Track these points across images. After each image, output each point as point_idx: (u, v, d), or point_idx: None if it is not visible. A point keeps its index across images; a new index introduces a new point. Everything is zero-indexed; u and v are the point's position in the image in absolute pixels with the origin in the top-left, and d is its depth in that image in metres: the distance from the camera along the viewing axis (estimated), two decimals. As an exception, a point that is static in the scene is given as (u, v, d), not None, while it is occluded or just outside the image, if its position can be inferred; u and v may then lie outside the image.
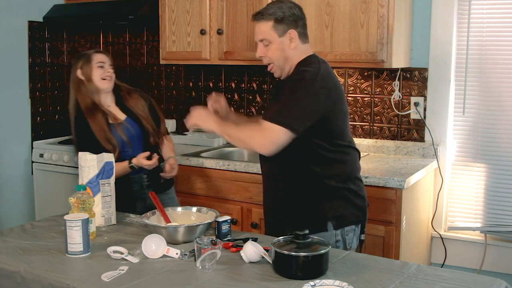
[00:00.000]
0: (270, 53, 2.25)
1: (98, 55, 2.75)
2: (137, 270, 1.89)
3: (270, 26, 2.22)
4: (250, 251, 1.92)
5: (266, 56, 2.27)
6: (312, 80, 2.13)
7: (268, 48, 2.25)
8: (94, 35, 4.42)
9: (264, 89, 3.81)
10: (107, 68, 2.74)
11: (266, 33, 2.23)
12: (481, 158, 3.27)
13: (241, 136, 2.18)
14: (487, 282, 1.80)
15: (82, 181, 2.37)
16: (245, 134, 2.17)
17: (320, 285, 1.72)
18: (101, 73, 2.72)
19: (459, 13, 3.23)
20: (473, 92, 3.26)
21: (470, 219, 3.34)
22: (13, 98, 3.91)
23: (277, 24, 2.22)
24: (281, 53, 2.24)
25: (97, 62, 2.72)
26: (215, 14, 3.48)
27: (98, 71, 2.72)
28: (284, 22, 2.22)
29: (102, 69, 2.72)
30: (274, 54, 2.25)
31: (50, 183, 3.88)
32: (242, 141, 2.18)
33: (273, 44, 2.24)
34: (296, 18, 2.25)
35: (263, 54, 2.27)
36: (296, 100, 2.11)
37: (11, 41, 3.85)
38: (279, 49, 2.24)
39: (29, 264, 1.94)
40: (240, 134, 2.18)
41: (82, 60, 2.74)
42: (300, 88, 2.13)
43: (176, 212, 2.36)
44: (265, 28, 2.23)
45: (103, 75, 2.72)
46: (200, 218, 2.29)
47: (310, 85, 2.13)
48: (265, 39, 2.24)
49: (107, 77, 2.73)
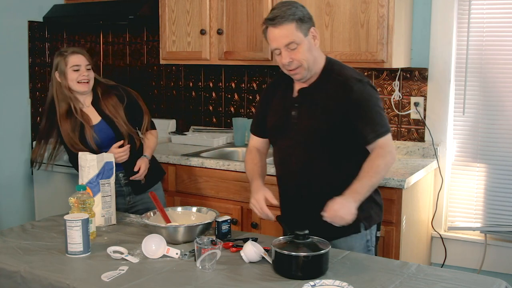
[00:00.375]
0: (300, 55, 2.12)
1: (73, 57, 2.66)
2: (137, 270, 1.89)
3: (293, 27, 2.10)
4: (250, 251, 1.92)
5: (294, 59, 2.13)
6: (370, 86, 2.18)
7: (296, 51, 2.12)
8: (94, 35, 4.42)
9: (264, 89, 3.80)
10: (83, 71, 2.67)
11: (293, 35, 2.10)
12: (481, 158, 3.27)
13: (382, 172, 2.10)
14: (487, 282, 1.80)
15: (82, 181, 2.37)
16: (382, 168, 2.10)
17: (320, 285, 1.72)
18: (77, 77, 2.65)
19: (459, 13, 3.23)
20: (473, 92, 3.26)
21: (470, 219, 3.34)
22: (13, 98, 3.90)
23: (301, 24, 2.12)
24: (310, 53, 2.15)
25: (71, 66, 2.65)
26: (215, 14, 3.48)
27: (73, 74, 2.65)
28: (305, 21, 2.13)
29: (78, 72, 2.66)
30: (305, 55, 2.13)
31: (50, 183, 3.88)
32: (385, 173, 2.14)
33: (301, 45, 2.12)
34: (310, 16, 2.18)
35: (291, 59, 2.13)
36: (372, 110, 2.14)
37: (11, 41, 3.85)
38: (308, 49, 2.14)
39: (29, 264, 1.94)
40: (378, 175, 2.09)
41: (58, 61, 2.68)
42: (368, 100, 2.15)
43: (176, 212, 2.36)
44: (289, 30, 2.10)
45: (79, 78, 2.66)
46: (200, 218, 2.29)
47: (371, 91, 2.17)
48: (293, 41, 2.11)
49: (83, 80, 2.67)
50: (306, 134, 2.20)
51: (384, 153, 2.11)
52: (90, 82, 2.70)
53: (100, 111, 2.73)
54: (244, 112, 3.90)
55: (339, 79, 2.18)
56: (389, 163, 2.14)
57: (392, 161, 2.15)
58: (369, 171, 2.08)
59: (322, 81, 2.21)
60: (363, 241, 2.24)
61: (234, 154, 3.64)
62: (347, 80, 2.17)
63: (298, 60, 2.13)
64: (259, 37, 3.34)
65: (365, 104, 2.14)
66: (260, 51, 3.35)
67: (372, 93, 2.18)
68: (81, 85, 2.67)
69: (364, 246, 2.25)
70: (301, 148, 2.22)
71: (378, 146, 2.12)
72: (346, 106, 2.14)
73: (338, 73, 2.20)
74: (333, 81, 2.19)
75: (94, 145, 2.66)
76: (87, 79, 2.68)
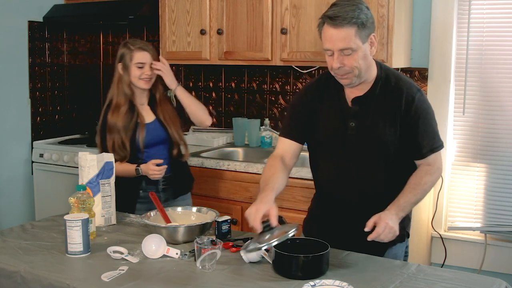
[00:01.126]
0: (354, 62, 1.96)
1: (139, 54, 2.66)
2: (137, 270, 1.89)
3: (353, 32, 1.93)
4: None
5: (346, 65, 1.97)
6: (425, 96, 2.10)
7: (350, 57, 1.96)
8: (94, 35, 4.42)
9: (264, 89, 3.81)
10: (146, 70, 2.67)
11: (351, 41, 1.93)
12: (481, 158, 3.27)
13: (427, 190, 2.04)
14: (487, 282, 1.80)
15: (82, 181, 2.37)
16: (429, 185, 2.03)
17: (320, 285, 1.72)
18: (140, 74, 2.66)
19: (459, 13, 3.23)
20: (473, 92, 3.26)
21: (470, 219, 3.34)
22: (13, 98, 3.91)
23: (362, 30, 1.95)
24: (365, 62, 1.99)
25: (136, 62, 2.65)
26: (215, 14, 3.48)
27: (137, 71, 2.66)
28: (367, 27, 1.96)
29: (141, 70, 2.66)
30: (358, 63, 1.97)
31: (50, 183, 3.88)
32: (430, 190, 2.08)
33: (357, 52, 1.95)
34: (373, 20, 2.01)
35: (342, 64, 1.96)
36: (430, 123, 2.06)
37: (11, 41, 3.85)
38: (363, 58, 1.98)
39: (29, 264, 1.94)
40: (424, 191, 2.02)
41: (123, 53, 2.68)
42: (428, 111, 2.06)
43: (176, 212, 2.36)
44: (348, 35, 1.93)
45: (142, 76, 2.66)
46: (200, 218, 2.29)
47: (428, 103, 2.09)
48: (349, 48, 1.94)
49: (145, 78, 2.67)
50: (366, 146, 2.07)
51: (433, 171, 2.04)
52: (151, 82, 2.70)
53: (155, 112, 2.74)
54: (244, 112, 3.90)
55: (398, 87, 2.05)
56: (435, 181, 2.07)
57: (437, 179, 2.08)
58: (416, 187, 1.99)
59: (378, 89, 2.07)
60: (403, 248, 2.17)
61: (234, 154, 3.64)
62: (408, 90, 2.04)
63: (350, 67, 1.98)
64: (259, 37, 3.34)
65: (425, 115, 2.04)
66: (260, 51, 3.35)
67: (428, 103, 2.08)
68: (142, 81, 2.67)
69: (404, 253, 2.20)
70: (359, 160, 2.08)
71: (428, 162, 2.04)
72: (406, 117, 2.02)
73: (395, 82, 2.06)
74: (392, 89, 2.05)
75: (142, 144, 2.65)
76: (150, 77, 2.68)
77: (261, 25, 3.33)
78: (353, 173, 2.10)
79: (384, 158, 2.07)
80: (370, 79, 2.07)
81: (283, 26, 3.25)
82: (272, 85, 3.77)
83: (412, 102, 2.02)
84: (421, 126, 2.03)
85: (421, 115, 2.03)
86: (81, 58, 4.35)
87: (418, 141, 2.04)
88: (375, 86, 2.07)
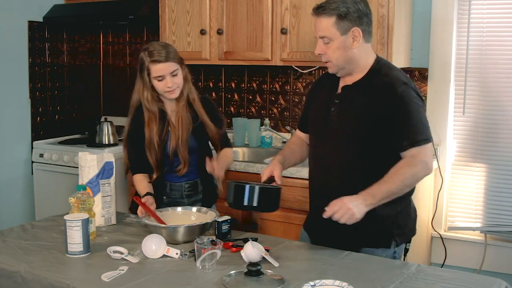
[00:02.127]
0: (330, 52, 2.08)
1: (155, 67, 2.41)
2: (137, 270, 1.89)
3: (331, 22, 2.04)
4: (251, 251, 1.92)
5: (326, 54, 2.10)
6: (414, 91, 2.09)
7: (328, 46, 2.08)
8: (94, 35, 4.42)
9: (264, 89, 3.81)
10: (169, 81, 2.43)
11: (327, 30, 2.06)
12: (481, 158, 3.27)
13: (406, 182, 2.02)
14: (487, 282, 1.80)
15: (82, 181, 2.37)
16: (407, 177, 2.01)
17: (320, 285, 1.72)
18: (163, 86, 2.44)
19: (459, 13, 3.23)
20: (473, 92, 3.26)
21: (470, 219, 3.34)
22: (13, 98, 3.90)
23: (340, 21, 2.04)
24: (342, 52, 2.08)
25: (154, 76, 2.43)
26: (215, 14, 3.48)
27: (158, 84, 2.45)
28: (347, 19, 2.04)
29: (163, 82, 2.44)
30: (334, 53, 2.08)
31: (50, 183, 3.88)
32: (411, 183, 2.05)
33: (334, 42, 2.07)
34: (361, 14, 2.07)
35: (323, 52, 2.10)
36: (413, 116, 2.04)
37: (11, 41, 3.85)
38: (341, 48, 2.07)
39: (29, 264, 1.94)
40: (402, 182, 2.01)
41: (142, 64, 2.45)
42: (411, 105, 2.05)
43: (176, 212, 2.36)
44: (326, 24, 2.06)
45: (165, 88, 2.44)
46: (200, 218, 2.29)
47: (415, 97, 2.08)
48: (325, 36, 2.07)
49: (170, 88, 2.45)
50: (343, 133, 2.13)
51: (415, 163, 2.01)
52: (178, 89, 2.48)
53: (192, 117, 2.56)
54: (244, 112, 3.89)
55: (384, 79, 2.09)
56: (418, 174, 2.03)
57: (423, 173, 2.04)
58: (392, 177, 1.99)
59: (367, 80, 2.13)
60: (389, 253, 2.15)
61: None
62: (392, 81, 2.07)
63: (328, 55, 2.10)
64: (259, 37, 3.34)
65: (406, 108, 2.04)
66: (260, 51, 3.35)
67: (415, 98, 2.08)
68: (168, 93, 2.46)
69: (390, 257, 2.16)
70: (337, 146, 2.14)
71: (411, 154, 2.02)
72: (386, 108, 2.05)
73: (384, 73, 2.11)
74: (378, 81, 2.10)
75: (172, 154, 2.51)
76: (173, 88, 2.46)
77: (261, 25, 3.33)
78: (330, 159, 2.16)
79: (361, 147, 2.09)
80: (362, 71, 2.13)
81: (283, 26, 3.25)
82: (272, 85, 3.77)
83: (394, 95, 2.05)
84: (401, 119, 2.04)
85: (402, 108, 2.04)
86: (81, 58, 4.35)
87: (397, 133, 2.05)
88: (366, 77, 2.13)
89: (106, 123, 3.84)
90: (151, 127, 2.48)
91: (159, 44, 2.49)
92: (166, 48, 2.46)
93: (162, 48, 2.45)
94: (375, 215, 2.01)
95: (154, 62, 2.42)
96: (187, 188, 2.61)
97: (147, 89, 2.48)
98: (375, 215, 2.02)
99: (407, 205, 2.20)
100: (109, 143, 3.79)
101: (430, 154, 2.07)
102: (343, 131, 2.12)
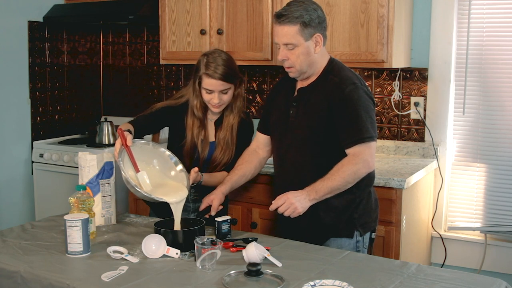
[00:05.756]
0: (294, 58, 2.18)
1: (207, 80, 2.41)
2: (137, 270, 1.89)
3: (296, 30, 2.14)
4: (253, 253, 1.90)
5: (289, 59, 2.19)
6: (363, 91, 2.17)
7: (292, 52, 2.18)
8: (94, 35, 4.42)
9: (264, 89, 3.81)
10: (216, 97, 2.43)
11: (292, 38, 2.15)
12: (481, 158, 3.27)
13: (348, 178, 2.10)
14: (487, 282, 1.80)
15: (82, 181, 2.37)
16: (349, 173, 2.09)
17: (320, 285, 1.72)
18: (208, 99, 2.45)
19: (459, 13, 3.23)
20: (473, 92, 3.26)
21: (470, 219, 3.34)
22: (13, 98, 3.90)
23: (304, 28, 2.14)
24: (306, 57, 2.18)
25: (204, 87, 2.44)
26: (215, 14, 3.48)
27: (206, 95, 2.46)
28: (311, 26, 2.15)
29: (210, 95, 2.44)
30: (298, 58, 2.18)
31: (50, 183, 3.88)
32: (353, 179, 2.12)
33: (299, 47, 2.16)
34: (320, 20, 2.18)
35: (286, 57, 2.19)
36: (363, 113, 2.13)
37: (11, 41, 3.85)
38: (304, 54, 2.17)
39: (29, 264, 1.94)
40: (344, 179, 2.09)
41: (197, 70, 2.46)
42: (358, 104, 2.14)
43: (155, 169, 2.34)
44: (290, 32, 2.14)
45: (210, 101, 2.46)
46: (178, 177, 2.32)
47: (363, 96, 2.16)
48: (290, 43, 2.16)
49: (215, 104, 2.45)
50: (301, 133, 2.24)
51: (357, 161, 2.11)
52: (222, 106, 2.49)
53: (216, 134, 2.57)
54: (244, 112, 3.89)
55: (334, 80, 2.20)
56: (359, 172, 2.12)
57: (364, 171, 2.13)
58: (334, 174, 2.10)
59: (320, 81, 2.24)
60: (352, 242, 2.26)
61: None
62: (341, 81, 2.18)
63: (291, 61, 2.19)
64: (259, 37, 3.34)
65: (351, 106, 2.14)
66: (260, 51, 3.35)
67: (363, 97, 2.16)
68: (211, 105, 2.48)
69: (353, 247, 2.26)
70: (297, 146, 2.26)
71: (353, 152, 2.12)
72: (336, 107, 2.16)
73: (335, 74, 2.22)
74: (329, 81, 2.21)
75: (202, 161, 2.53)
76: (219, 104, 2.46)
77: (261, 25, 3.33)
78: (292, 159, 2.27)
79: (315, 146, 2.21)
80: (317, 73, 2.25)
81: (283, 26, 3.25)
82: (272, 85, 3.77)
83: (341, 94, 2.15)
84: (346, 117, 2.14)
85: (348, 107, 2.14)
86: (81, 58, 4.35)
87: (342, 131, 2.15)
88: (318, 78, 2.23)
89: (106, 123, 3.84)
90: (194, 131, 2.53)
91: (221, 58, 2.43)
92: (225, 65, 2.41)
93: (221, 64, 2.41)
94: (335, 207, 2.17)
95: (208, 76, 2.40)
96: (194, 193, 2.58)
97: (196, 97, 2.50)
98: (336, 207, 2.17)
99: (367, 196, 2.29)
100: (109, 143, 3.80)
101: (372, 152, 2.16)
102: (300, 132, 2.24)
